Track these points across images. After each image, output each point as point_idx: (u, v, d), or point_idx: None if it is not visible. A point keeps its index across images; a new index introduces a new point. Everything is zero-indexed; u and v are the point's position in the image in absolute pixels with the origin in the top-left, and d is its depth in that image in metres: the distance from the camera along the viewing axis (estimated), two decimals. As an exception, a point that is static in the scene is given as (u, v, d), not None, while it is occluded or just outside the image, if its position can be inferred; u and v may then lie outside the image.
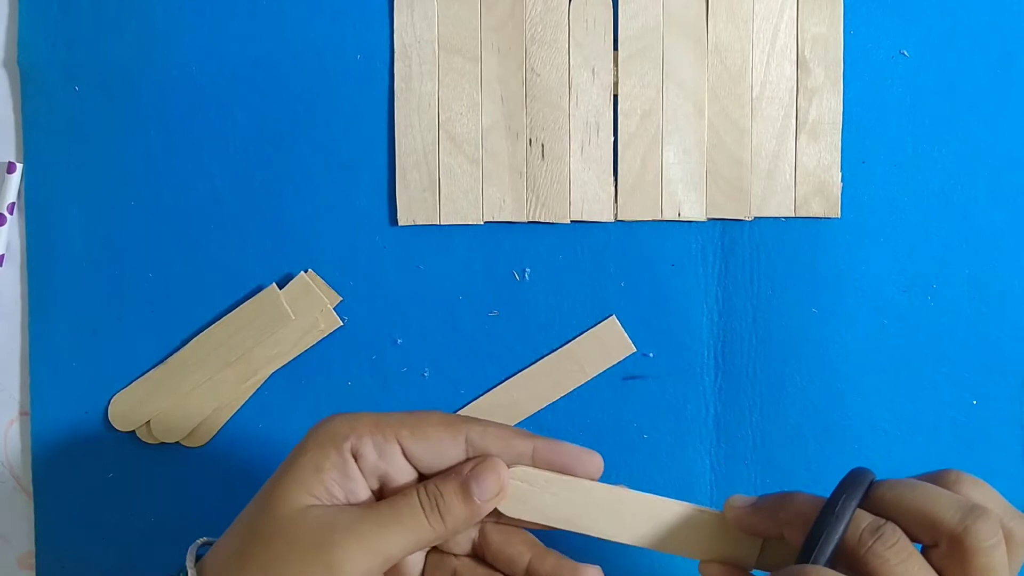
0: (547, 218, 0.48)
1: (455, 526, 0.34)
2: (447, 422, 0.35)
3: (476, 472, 0.34)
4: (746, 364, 0.48)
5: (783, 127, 0.47)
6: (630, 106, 0.47)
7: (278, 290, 0.47)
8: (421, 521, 0.34)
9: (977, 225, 0.48)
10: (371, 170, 0.48)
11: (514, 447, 0.35)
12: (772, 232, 0.48)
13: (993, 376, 0.48)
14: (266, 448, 0.49)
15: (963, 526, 0.29)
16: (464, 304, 0.48)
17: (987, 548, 0.29)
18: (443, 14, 0.47)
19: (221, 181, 0.48)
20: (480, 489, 0.34)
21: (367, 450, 0.34)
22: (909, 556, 0.30)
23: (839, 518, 0.30)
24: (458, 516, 0.34)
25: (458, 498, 0.34)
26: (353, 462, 0.34)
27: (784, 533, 0.33)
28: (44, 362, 0.49)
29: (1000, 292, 0.48)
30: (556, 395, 0.48)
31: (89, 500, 0.49)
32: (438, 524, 0.34)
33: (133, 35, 0.48)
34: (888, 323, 0.48)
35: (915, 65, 0.47)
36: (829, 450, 0.48)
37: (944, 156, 0.47)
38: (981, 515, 0.29)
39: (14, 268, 0.49)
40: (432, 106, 0.47)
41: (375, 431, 0.34)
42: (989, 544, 0.29)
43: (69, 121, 0.48)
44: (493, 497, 0.35)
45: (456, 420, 0.36)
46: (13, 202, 0.48)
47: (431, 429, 0.35)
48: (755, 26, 0.47)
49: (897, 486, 0.32)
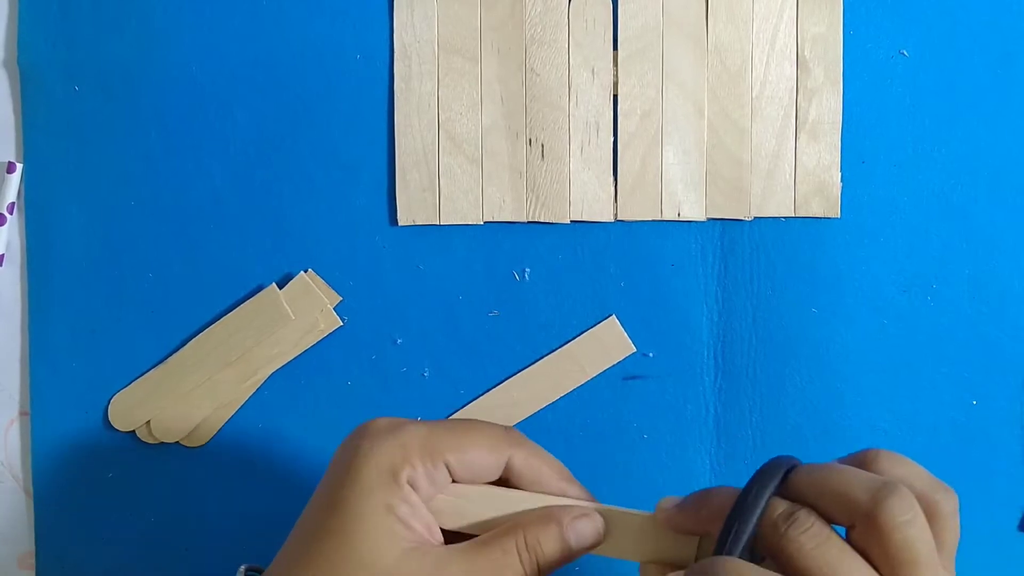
0: (547, 218, 0.48)
1: (548, 571, 0.34)
2: (492, 445, 0.35)
3: (575, 527, 0.34)
4: (746, 364, 0.48)
5: (783, 127, 0.47)
6: (630, 106, 0.47)
7: (278, 290, 0.47)
8: (516, 568, 0.33)
9: (977, 225, 0.48)
10: (371, 170, 0.48)
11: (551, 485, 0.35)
12: (772, 232, 0.48)
13: (993, 376, 0.48)
14: (266, 448, 0.49)
15: (874, 503, 0.29)
16: (464, 304, 0.48)
17: (902, 524, 0.28)
18: (443, 14, 0.47)
19: (221, 181, 0.48)
20: (579, 538, 0.34)
21: (422, 481, 0.34)
22: (826, 539, 0.29)
23: (751, 508, 0.30)
24: (552, 562, 0.34)
25: (556, 547, 0.34)
26: (415, 494, 0.33)
27: (711, 529, 0.33)
28: (44, 362, 0.49)
29: (1000, 292, 0.48)
30: (556, 395, 0.48)
31: (89, 500, 0.49)
32: (532, 570, 0.34)
33: (133, 35, 0.48)
34: (888, 323, 0.48)
35: (915, 65, 0.47)
36: (829, 450, 0.48)
37: (944, 156, 0.47)
38: (892, 491, 0.29)
39: (14, 268, 0.49)
40: (432, 106, 0.47)
41: (425, 458, 0.34)
42: (904, 520, 0.28)
43: (69, 121, 0.48)
44: (591, 545, 0.34)
45: (502, 442, 0.35)
46: (13, 202, 0.48)
47: (476, 452, 0.34)
48: (755, 26, 0.47)
49: (814, 471, 0.31)
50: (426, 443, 0.34)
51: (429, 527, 0.34)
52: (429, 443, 0.34)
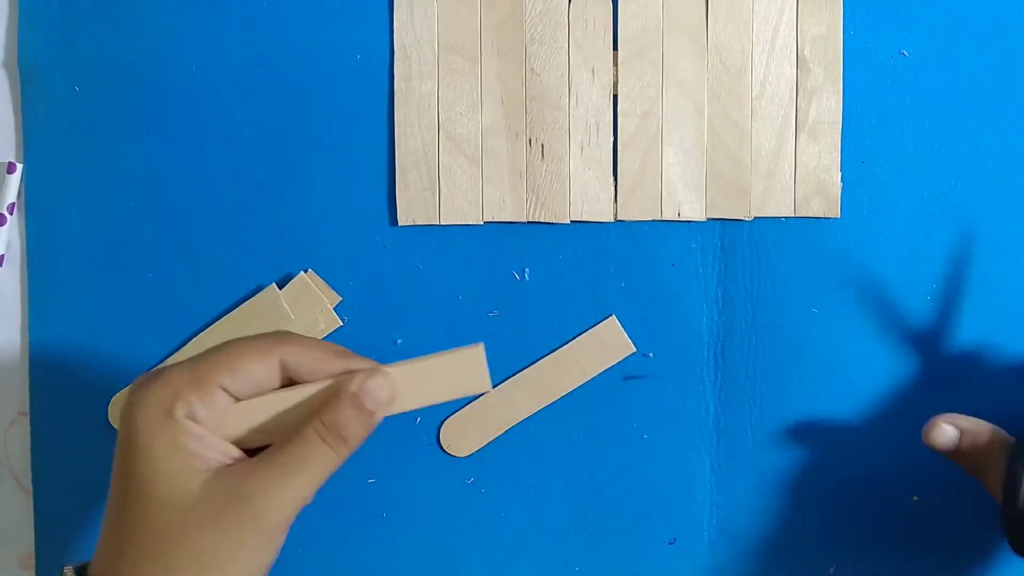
0: (547, 218, 0.48)
1: (358, 444, 0.35)
2: (258, 353, 0.35)
3: (365, 388, 0.35)
4: (746, 364, 0.48)
5: (783, 127, 0.47)
6: (630, 106, 0.47)
7: (278, 290, 0.47)
8: (327, 453, 0.35)
9: (977, 225, 0.48)
10: (371, 170, 0.48)
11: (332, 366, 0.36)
12: (772, 232, 0.48)
13: (994, 376, 0.48)
14: (266, 448, 0.49)
15: None
16: (464, 304, 0.48)
17: None
18: (443, 14, 0.47)
19: (221, 181, 0.48)
20: (374, 400, 0.35)
21: (201, 412, 0.34)
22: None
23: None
24: (359, 433, 0.35)
25: (356, 418, 0.35)
26: (199, 426, 0.34)
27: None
28: (44, 362, 0.49)
29: (1000, 292, 0.48)
30: (556, 395, 0.48)
31: (89, 500, 0.49)
32: (342, 448, 0.35)
33: (133, 35, 0.48)
34: (888, 323, 0.48)
35: (915, 65, 0.47)
36: (829, 450, 0.48)
37: (944, 156, 0.47)
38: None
39: (14, 268, 0.49)
40: (432, 106, 0.47)
41: (196, 388, 0.34)
42: None
43: (69, 121, 0.48)
44: (387, 402, 0.35)
45: (268, 347, 0.35)
46: (13, 202, 0.48)
47: (246, 365, 0.35)
48: (755, 26, 0.47)
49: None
50: (192, 375, 0.34)
51: (225, 451, 0.35)
52: (195, 374, 0.34)
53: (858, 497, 0.48)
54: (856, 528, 0.49)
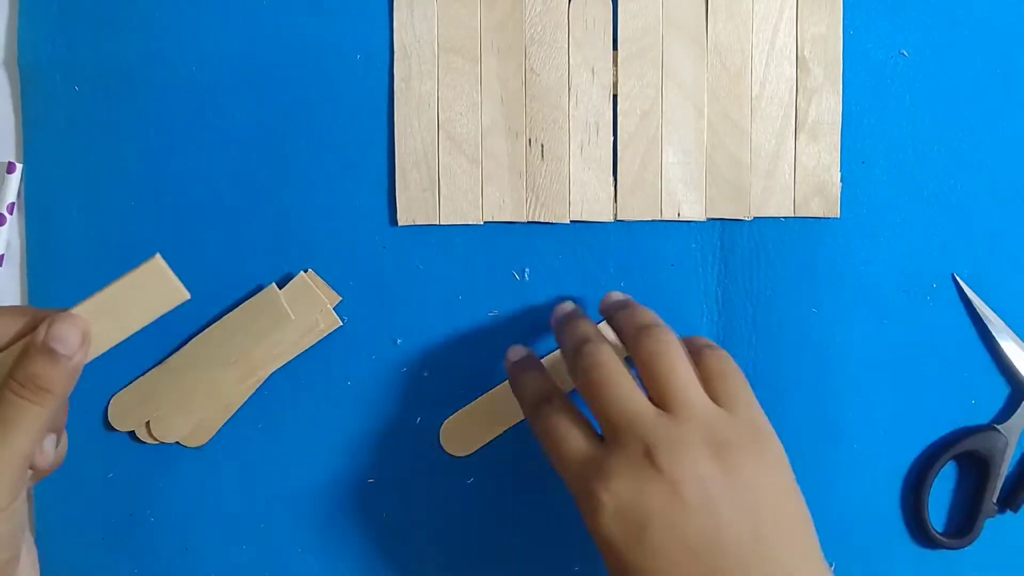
0: (547, 218, 0.48)
1: (64, 390, 0.35)
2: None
3: (51, 333, 0.35)
4: (746, 364, 0.48)
5: (783, 127, 0.47)
6: (630, 106, 0.47)
7: (278, 290, 0.47)
8: (31, 409, 0.34)
9: (977, 225, 0.48)
10: (371, 170, 0.48)
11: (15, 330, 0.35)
12: (772, 232, 0.48)
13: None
14: (266, 448, 0.49)
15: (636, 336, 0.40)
16: (464, 304, 0.48)
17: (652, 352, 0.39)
18: (443, 14, 0.47)
19: (221, 181, 0.48)
20: (65, 345, 0.35)
21: None
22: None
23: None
24: (61, 380, 0.35)
25: (48, 363, 0.34)
26: None
27: None
28: (44, 362, 0.49)
29: (1000, 292, 0.48)
30: (556, 395, 0.48)
31: (89, 500, 0.49)
32: (48, 400, 0.34)
33: (133, 35, 0.48)
34: (888, 323, 0.48)
35: (915, 65, 0.47)
36: (829, 450, 0.48)
37: (944, 156, 0.47)
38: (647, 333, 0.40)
39: (14, 268, 0.49)
40: (432, 106, 0.47)
41: None
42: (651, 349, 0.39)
43: (69, 121, 0.48)
44: (81, 345, 0.35)
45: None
46: (13, 202, 0.48)
47: None
48: (755, 26, 0.47)
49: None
50: None
51: None
52: None
53: (858, 497, 0.48)
54: (856, 528, 0.49)
